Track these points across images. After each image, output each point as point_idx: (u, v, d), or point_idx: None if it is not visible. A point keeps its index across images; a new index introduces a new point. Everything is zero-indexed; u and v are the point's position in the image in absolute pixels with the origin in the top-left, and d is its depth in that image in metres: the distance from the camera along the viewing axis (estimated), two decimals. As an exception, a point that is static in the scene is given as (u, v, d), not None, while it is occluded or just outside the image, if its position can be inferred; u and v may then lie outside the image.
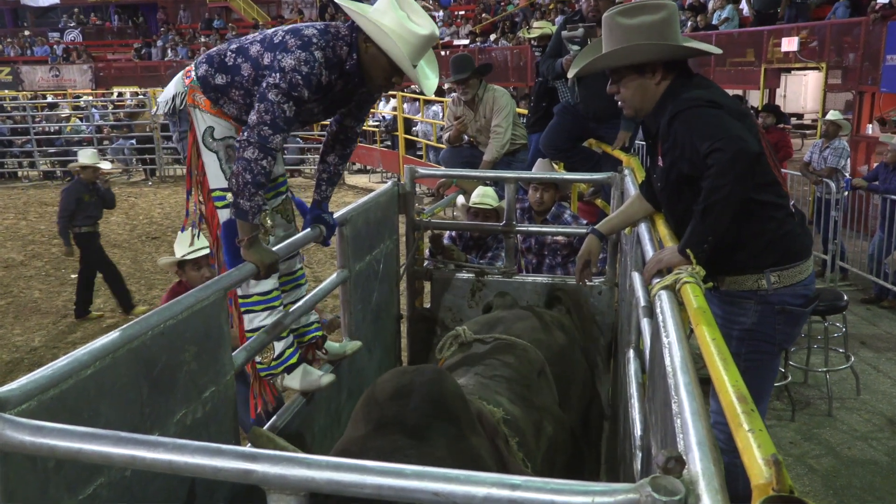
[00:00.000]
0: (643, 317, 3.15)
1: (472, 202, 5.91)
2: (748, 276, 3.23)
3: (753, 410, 1.50)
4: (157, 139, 20.25)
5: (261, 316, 3.42)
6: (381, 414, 2.68)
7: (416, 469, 1.43)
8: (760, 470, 1.30)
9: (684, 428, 1.56)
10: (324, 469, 1.46)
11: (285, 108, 3.02)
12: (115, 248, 12.73)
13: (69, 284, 10.73)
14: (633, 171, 4.77)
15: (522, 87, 21.55)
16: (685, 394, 1.69)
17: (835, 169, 10.25)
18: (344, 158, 3.72)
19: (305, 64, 3.02)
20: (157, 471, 1.55)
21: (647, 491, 1.27)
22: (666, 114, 3.11)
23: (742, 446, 1.41)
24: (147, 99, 21.27)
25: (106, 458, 1.56)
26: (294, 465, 1.47)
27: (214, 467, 1.50)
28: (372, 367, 4.62)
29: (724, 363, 1.79)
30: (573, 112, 6.34)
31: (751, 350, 3.28)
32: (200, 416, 2.70)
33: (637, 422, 3.02)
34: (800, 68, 16.21)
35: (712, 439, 1.48)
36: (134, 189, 19.21)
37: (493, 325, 4.18)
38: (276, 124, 3.02)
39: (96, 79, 34.87)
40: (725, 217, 2.86)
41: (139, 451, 1.54)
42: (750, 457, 1.36)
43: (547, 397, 3.75)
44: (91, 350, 2.12)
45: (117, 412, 2.22)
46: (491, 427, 2.95)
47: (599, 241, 3.89)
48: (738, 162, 2.78)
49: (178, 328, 2.52)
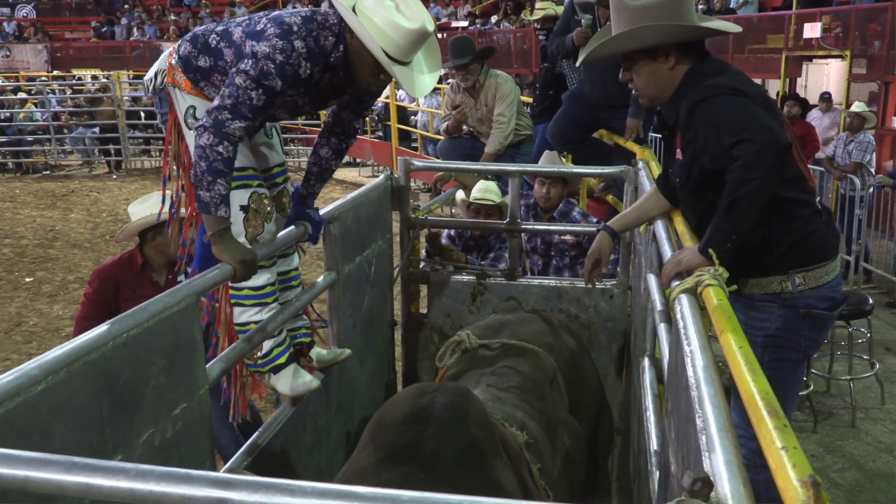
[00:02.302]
0: (659, 322, 3.13)
1: (472, 198, 5.88)
2: (772, 278, 3.22)
3: (786, 426, 1.48)
4: (121, 128, 19.67)
5: (250, 311, 3.39)
6: (393, 440, 2.61)
7: (413, 496, 1.37)
8: (797, 493, 1.27)
9: (710, 446, 1.53)
10: (309, 497, 1.39)
11: (252, 96, 3.00)
12: (75, 248, 12.44)
13: (23, 289, 10.45)
14: (647, 164, 4.76)
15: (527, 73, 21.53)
16: (710, 408, 1.66)
17: (860, 164, 10.26)
18: (339, 153, 3.68)
19: (281, 53, 2.99)
20: (118, 500, 1.47)
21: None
22: (685, 103, 3.10)
23: (775, 466, 1.38)
24: (110, 83, 20.37)
25: (57, 486, 1.47)
26: (275, 492, 1.39)
27: (182, 496, 1.42)
28: (363, 378, 4.59)
29: (752, 374, 1.76)
30: (583, 100, 6.32)
31: (775, 358, 3.26)
32: (171, 436, 2.63)
33: (653, 436, 3.00)
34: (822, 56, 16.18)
35: (741, 459, 1.46)
36: (96, 183, 18.63)
37: (498, 330, 4.16)
38: (238, 110, 2.99)
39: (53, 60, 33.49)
40: (751, 214, 2.84)
41: (95, 478, 1.45)
42: (784, 478, 1.33)
43: (561, 408, 3.72)
44: (42, 363, 2.03)
45: (74, 433, 2.14)
46: (515, 455, 2.90)
47: (611, 240, 3.87)
48: (767, 154, 2.76)
49: (143, 338, 2.44)
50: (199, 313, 2.83)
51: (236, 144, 3.05)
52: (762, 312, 3.26)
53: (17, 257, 11.70)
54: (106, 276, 4.66)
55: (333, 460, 4.10)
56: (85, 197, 16.65)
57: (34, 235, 13.16)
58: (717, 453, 1.49)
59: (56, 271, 11.13)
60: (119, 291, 4.62)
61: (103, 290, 4.62)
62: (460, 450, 2.55)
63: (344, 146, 3.67)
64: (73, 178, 18.90)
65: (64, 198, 16.51)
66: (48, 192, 17.13)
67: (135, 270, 4.67)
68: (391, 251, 5.03)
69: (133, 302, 3.78)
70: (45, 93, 21.79)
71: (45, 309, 9.58)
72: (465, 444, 2.57)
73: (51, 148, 20.21)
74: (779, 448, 1.41)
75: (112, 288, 4.62)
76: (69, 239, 12.86)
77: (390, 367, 5.18)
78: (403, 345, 5.42)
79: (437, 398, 2.69)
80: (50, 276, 10.89)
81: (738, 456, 1.46)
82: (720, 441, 1.52)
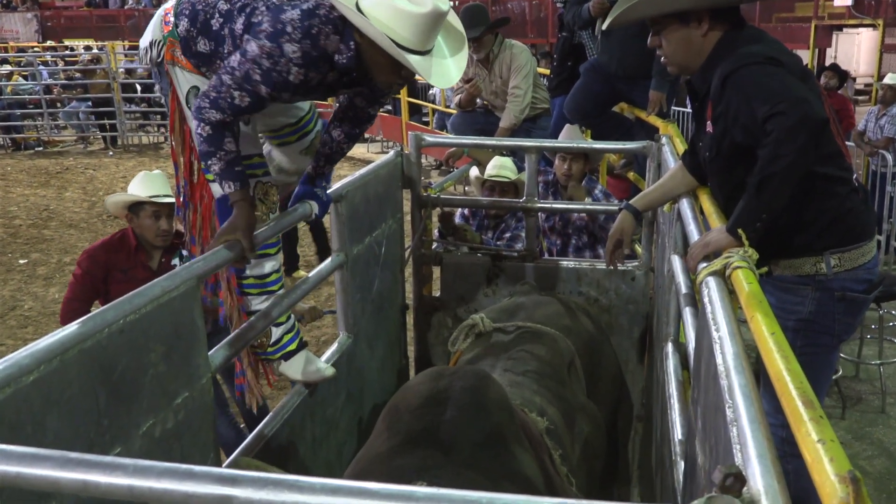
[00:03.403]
0: (685, 306, 3.12)
1: (487, 175, 5.86)
2: (805, 260, 3.19)
3: (822, 417, 1.47)
4: (117, 101, 19.22)
5: (257, 300, 3.44)
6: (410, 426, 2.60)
7: (429, 492, 1.35)
8: (834, 488, 1.26)
9: (742, 438, 1.53)
10: (318, 493, 1.36)
11: (234, 95, 2.93)
12: (70, 228, 12.39)
13: (17, 272, 10.46)
14: (671, 139, 4.73)
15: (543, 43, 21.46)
16: (741, 398, 1.65)
17: (891, 139, 10.18)
18: (352, 138, 3.61)
19: (268, 58, 2.89)
20: (115, 497, 1.45)
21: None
22: (717, 72, 3.06)
23: (811, 460, 1.37)
24: (104, 54, 19.72)
25: (52, 483, 1.45)
26: (282, 489, 1.37)
27: (185, 493, 1.40)
28: (374, 365, 4.59)
29: (785, 361, 1.75)
30: (601, 72, 6.29)
31: (808, 343, 3.24)
32: (172, 427, 2.62)
33: (677, 425, 3.00)
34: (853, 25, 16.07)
35: (774, 452, 1.45)
36: (92, 160, 18.45)
37: (514, 313, 4.16)
38: (218, 104, 2.94)
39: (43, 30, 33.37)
40: (784, 192, 2.81)
41: (92, 474, 1.43)
42: (821, 472, 1.32)
43: (580, 393, 3.72)
44: (33, 352, 2.01)
45: (69, 426, 2.12)
46: (536, 441, 2.89)
47: (634, 219, 3.85)
48: (803, 129, 2.72)
49: (141, 324, 2.42)
50: (199, 298, 2.81)
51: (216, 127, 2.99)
52: (795, 295, 3.24)
53: (9, 238, 11.68)
54: (96, 258, 4.69)
55: (343, 451, 4.11)
56: (80, 174, 16.59)
57: (27, 215, 13.15)
58: (749, 447, 1.48)
59: (51, 253, 11.13)
60: (109, 274, 4.65)
61: (93, 271, 4.65)
62: (480, 434, 2.54)
63: (357, 131, 3.60)
64: (67, 155, 18.82)
65: (58, 175, 16.47)
66: (41, 169, 17.09)
67: (127, 252, 4.69)
68: (402, 231, 5.01)
69: (124, 285, 3.79)
70: (36, 64, 21.38)
71: (40, 292, 9.59)
72: (486, 429, 2.56)
73: (43, 123, 20.05)
74: (815, 441, 1.40)
75: (102, 270, 4.65)
76: (64, 219, 12.84)
77: (402, 353, 5.18)
78: (416, 330, 5.42)
79: (455, 381, 2.69)
80: (45, 258, 10.90)
81: (771, 449, 1.45)
82: (752, 433, 1.51)
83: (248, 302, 3.45)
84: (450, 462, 2.43)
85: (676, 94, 6.20)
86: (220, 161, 3.02)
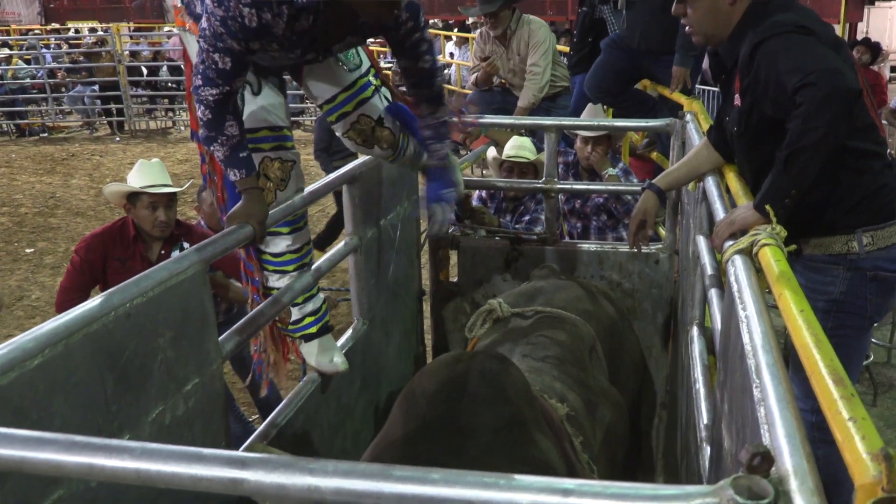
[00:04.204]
0: (710, 287, 3.11)
1: (505, 155, 5.86)
2: (836, 238, 3.18)
3: (854, 395, 1.46)
4: (123, 85, 18.96)
5: (272, 278, 3.49)
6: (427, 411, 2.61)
7: (445, 473, 1.35)
8: (866, 467, 1.25)
9: (770, 418, 1.52)
10: (331, 476, 1.36)
11: (216, 59, 2.84)
12: (77, 216, 12.48)
13: (23, 261, 10.52)
14: (695, 116, 4.71)
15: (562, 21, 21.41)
16: (769, 377, 1.65)
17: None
18: (433, 102, 3.46)
19: (219, 6, 2.75)
20: (123, 482, 1.46)
21: (729, 494, 1.20)
22: (746, 42, 3.04)
23: (842, 438, 1.36)
24: (109, 36, 19.62)
25: (57, 467, 1.45)
26: (294, 471, 1.37)
27: (193, 476, 1.39)
28: (390, 352, 4.59)
29: (815, 339, 1.74)
30: (623, 47, 6.26)
31: (838, 324, 3.22)
32: (182, 414, 2.62)
33: (703, 410, 2.99)
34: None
35: (804, 432, 1.44)
36: (98, 146, 18.34)
37: (532, 297, 4.15)
38: (207, 75, 2.88)
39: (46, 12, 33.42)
40: (814, 167, 2.79)
41: (98, 458, 1.43)
42: (852, 450, 1.31)
43: (602, 379, 3.72)
44: (37, 335, 2.01)
45: (76, 411, 2.12)
46: (556, 427, 2.89)
47: (657, 199, 3.84)
48: (834, 100, 2.70)
49: (149, 308, 2.42)
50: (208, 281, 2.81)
51: (214, 109, 2.95)
52: (825, 275, 3.22)
53: (15, 227, 11.74)
54: (93, 246, 4.72)
55: (360, 439, 4.11)
56: (86, 161, 16.62)
57: (33, 203, 13.19)
58: (777, 426, 1.47)
59: (58, 241, 11.18)
60: (107, 262, 4.68)
61: (90, 258, 4.68)
62: (500, 420, 2.54)
63: (426, 91, 3.42)
64: (73, 141, 18.84)
65: (64, 162, 16.50)
66: (47, 156, 17.12)
67: (125, 241, 4.72)
68: (418, 214, 5.01)
69: (121, 275, 3.81)
70: (39, 48, 21.46)
71: (47, 282, 9.60)
72: (505, 414, 2.56)
73: (48, 108, 20.08)
74: (846, 419, 1.40)
75: (99, 258, 4.68)
76: (71, 206, 12.88)
77: (419, 339, 5.19)
78: (433, 316, 5.42)
79: (473, 365, 2.68)
80: (52, 247, 10.95)
81: (800, 429, 1.44)
82: (780, 413, 1.51)
83: (265, 278, 3.50)
84: (468, 448, 2.42)
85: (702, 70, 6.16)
86: (223, 147, 3.01)
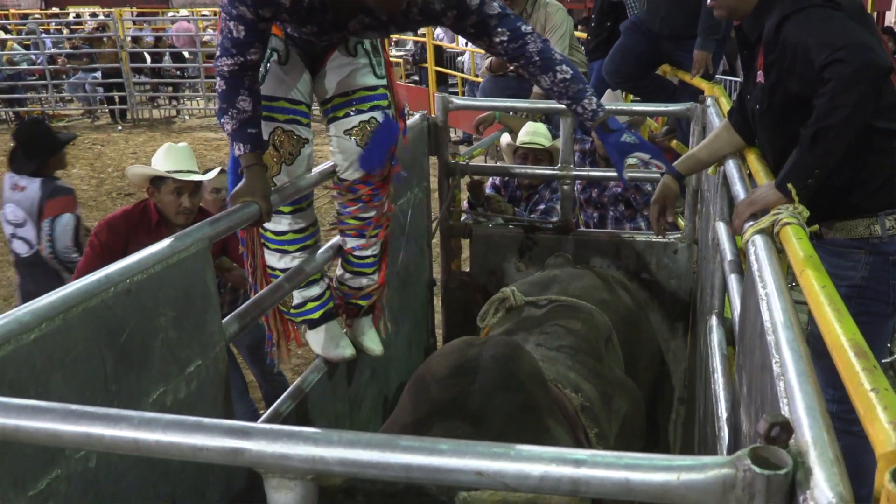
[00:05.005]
0: (730, 273, 3.10)
1: (519, 142, 5.86)
2: (859, 221, 3.18)
3: (876, 367, 1.46)
4: (126, 72, 18.97)
5: (273, 256, 3.53)
6: (438, 395, 2.62)
7: (454, 443, 1.36)
8: (888, 436, 1.26)
9: (789, 391, 1.52)
10: (335, 445, 1.36)
11: (231, 28, 2.97)
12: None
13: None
14: (716, 100, 4.70)
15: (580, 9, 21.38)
16: (789, 351, 1.65)
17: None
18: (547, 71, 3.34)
19: None
20: (120, 451, 1.47)
21: (746, 464, 1.22)
22: (772, 16, 3.03)
23: (864, 410, 1.37)
24: (112, 21, 19.74)
25: (52, 436, 1.46)
26: (297, 441, 1.37)
27: (194, 446, 1.40)
28: (399, 342, 4.61)
29: (837, 314, 1.74)
30: (643, 30, 6.24)
31: (861, 311, 3.21)
32: (184, 396, 2.63)
33: (721, 401, 2.99)
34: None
35: (824, 405, 1.44)
36: (100, 135, 18.34)
37: (547, 286, 4.16)
38: (224, 45, 3.01)
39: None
40: (839, 146, 2.79)
41: (95, 427, 1.44)
42: (873, 420, 1.32)
43: (618, 370, 3.72)
44: (34, 308, 2.01)
45: (74, 389, 2.12)
46: (571, 418, 2.89)
47: (677, 184, 3.83)
48: (863, 78, 2.69)
49: (150, 285, 2.42)
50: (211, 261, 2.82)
51: (229, 80, 3.05)
52: (847, 260, 3.23)
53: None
54: (116, 228, 4.70)
55: (368, 430, 4.11)
56: (88, 150, 16.60)
57: (34, 193, 13.08)
58: (796, 399, 1.47)
59: (58, 231, 11.08)
60: (129, 247, 4.57)
61: (111, 242, 4.64)
62: (512, 405, 2.55)
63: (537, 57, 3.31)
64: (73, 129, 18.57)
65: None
66: (46, 145, 17.03)
67: (147, 226, 4.70)
68: (428, 201, 5.02)
69: None
70: (39, 33, 21.26)
71: None
72: (517, 400, 2.57)
73: (48, 95, 20.01)
74: (868, 390, 1.41)
75: (121, 242, 4.62)
76: (72, 197, 12.80)
77: (429, 331, 5.21)
78: (444, 307, 5.43)
79: (485, 350, 2.69)
80: (52, 237, 10.85)
81: (820, 402, 1.44)
82: (800, 386, 1.51)
83: (268, 257, 3.54)
84: (479, 434, 2.42)
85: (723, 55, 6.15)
86: (233, 120, 3.07)
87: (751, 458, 1.23)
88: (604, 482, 1.29)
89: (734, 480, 1.22)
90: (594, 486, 1.29)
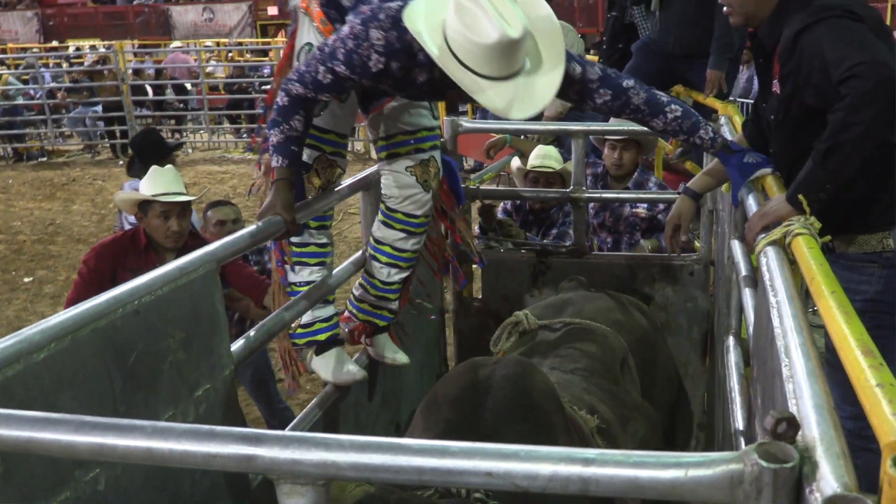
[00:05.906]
0: (744, 287, 3.14)
1: (530, 165, 5.89)
2: (872, 236, 3.21)
3: (882, 365, 1.51)
4: (127, 106, 18.73)
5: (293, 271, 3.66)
6: (450, 415, 2.64)
7: (464, 446, 1.41)
8: (892, 426, 1.31)
9: (798, 391, 1.57)
10: (347, 450, 1.41)
11: (319, 70, 3.14)
12: (79, 243, 12.29)
13: (21, 290, 10.54)
14: (730, 119, 4.74)
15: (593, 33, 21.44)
16: (798, 354, 1.70)
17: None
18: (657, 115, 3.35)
19: (353, 39, 3.08)
20: (134, 461, 1.51)
21: (753, 459, 1.27)
22: (790, 25, 3.05)
23: (869, 406, 1.42)
24: (111, 54, 19.52)
25: (67, 447, 1.50)
26: (308, 446, 1.42)
27: (206, 454, 1.45)
28: (411, 369, 4.60)
29: (845, 316, 1.79)
30: (656, 50, 6.31)
31: (874, 325, 3.17)
32: (193, 420, 2.66)
33: (739, 418, 3.02)
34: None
35: (832, 403, 1.48)
36: (101, 170, 18.15)
37: (561, 309, 4.19)
38: (304, 77, 3.17)
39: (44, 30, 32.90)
40: (853, 163, 2.82)
41: (108, 437, 1.48)
42: (879, 414, 1.37)
43: (634, 393, 3.75)
44: (44, 328, 2.05)
45: (83, 409, 2.12)
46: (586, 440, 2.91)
47: (692, 203, 3.87)
48: (881, 94, 2.71)
49: (158, 307, 2.47)
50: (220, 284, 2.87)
51: (291, 100, 3.21)
52: (860, 274, 3.25)
53: (13, 255, 11.74)
54: (104, 255, 4.74)
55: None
56: (88, 186, 16.54)
57: (32, 230, 13.18)
58: (805, 398, 1.52)
59: (58, 270, 11.17)
60: (117, 273, 4.65)
61: (100, 269, 4.68)
62: (525, 425, 2.57)
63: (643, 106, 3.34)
64: (73, 165, 18.65)
65: (64, 187, 16.44)
66: (46, 181, 17.03)
67: (137, 251, 4.75)
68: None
69: None
70: (38, 67, 21.08)
71: (47, 312, 9.31)
72: (531, 419, 2.60)
73: (47, 130, 19.81)
74: (873, 385, 1.45)
75: (109, 268, 4.68)
76: (72, 233, 12.89)
77: (441, 358, 5.25)
78: (455, 334, 5.46)
79: (498, 370, 2.72)
80: (52, 276, 10.94)
81: (828, 401, 1.48)
82: (809, 385, 1.56)
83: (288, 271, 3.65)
84: None
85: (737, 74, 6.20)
86: (281, 134, 3.24)
87: (758, 453, 1.27)
88: (613, 480, 1.33)
89: (742, 475, 1.27)
90: (604, 484, 1.34)
